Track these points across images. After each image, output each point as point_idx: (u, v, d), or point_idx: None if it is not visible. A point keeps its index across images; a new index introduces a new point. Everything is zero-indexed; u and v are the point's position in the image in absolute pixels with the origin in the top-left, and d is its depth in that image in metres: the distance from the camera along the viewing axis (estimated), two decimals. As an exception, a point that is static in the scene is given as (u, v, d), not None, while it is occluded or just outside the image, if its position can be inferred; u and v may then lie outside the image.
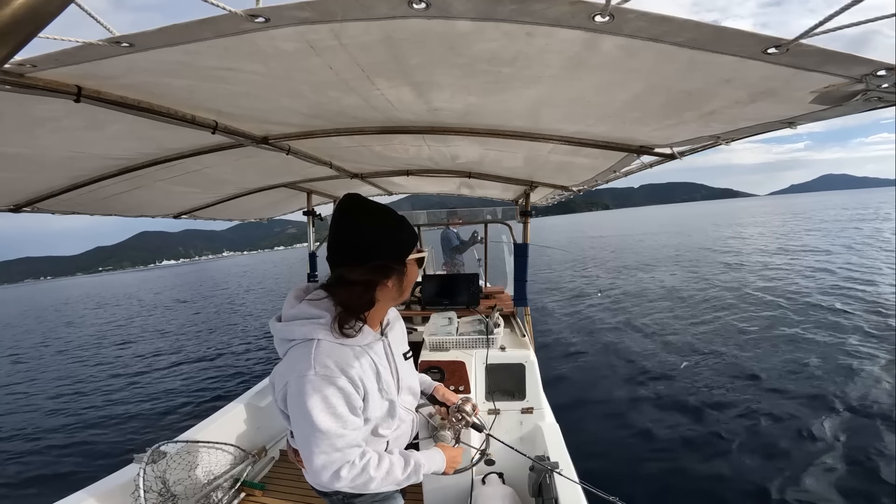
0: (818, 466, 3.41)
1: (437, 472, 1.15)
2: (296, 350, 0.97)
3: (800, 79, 0.73)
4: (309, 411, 0.90)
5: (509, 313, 3.01)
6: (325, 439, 0.92)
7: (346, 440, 0.95)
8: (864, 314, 7.30)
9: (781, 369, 5.39)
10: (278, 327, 1.03)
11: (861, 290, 8.97)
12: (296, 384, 0.92)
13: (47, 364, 9.33)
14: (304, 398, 0.90)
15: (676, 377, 5.43)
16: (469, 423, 1.35)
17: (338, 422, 0.93)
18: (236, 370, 7.37)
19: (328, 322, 0.98)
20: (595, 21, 0.59)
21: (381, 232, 0.99)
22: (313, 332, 0.96)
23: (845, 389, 4.67)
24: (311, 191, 3.08)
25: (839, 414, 4.19)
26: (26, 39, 0.34)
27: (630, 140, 1.44)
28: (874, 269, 10.92)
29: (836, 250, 14.75)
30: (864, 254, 13.55)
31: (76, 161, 1.39)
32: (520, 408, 2.19)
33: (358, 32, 0.69)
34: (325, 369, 0.92)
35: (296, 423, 0.96)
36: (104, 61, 0.74)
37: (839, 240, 17.86)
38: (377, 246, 0.98)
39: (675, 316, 8.63)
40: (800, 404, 4.45)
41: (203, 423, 2.31)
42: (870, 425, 3.91)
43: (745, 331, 7.14)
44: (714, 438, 3.93)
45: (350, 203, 1.00)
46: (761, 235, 23.68)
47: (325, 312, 0.99)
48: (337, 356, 0.95)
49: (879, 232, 20.18)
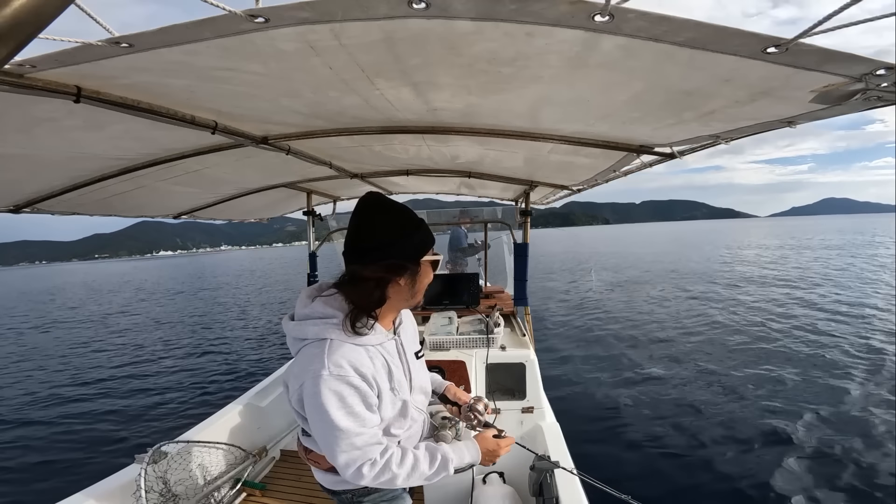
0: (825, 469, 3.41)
1: (472, 462, 1.14)
2: (308, 349, 0.97)
3: (799, 78, 0.73)
4: (326, 411, 0.91)
5: (509, 313, 3.02)
6: (344, 438, 0.93)
7: (364, 438, 0.95)
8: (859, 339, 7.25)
9: (795, 376, 5.40)
10: (291, 326, 1.03)
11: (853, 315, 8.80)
12: (311, 385, 0.93)
13: (44, 357, 9.35)
14: (320, 398, 0.91)
15: (676, 376, 5.44)
16: (482, 422, 1.34)
17: (355, 420, 0.94)
18: (236, 370, 7.37)
19: (340, 321, 0.98)
20: (595, 21, 0.59)
21: (396, 230, 0.99)
22: (326, 331, 0.97)
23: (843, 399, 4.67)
24: (311, 191, 3.08)
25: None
26: (26, 40, 0.34)
27: (630, 139, 1.44)
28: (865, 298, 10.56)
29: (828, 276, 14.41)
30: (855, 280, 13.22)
31: (76, 161, 1.39)
32: (520, 407, 2.19)
33: (358, 32, 0.69)
34: (338, 369, 0.93)
35: (314, 424, 0.96)
36: (104, 61, 0.74)
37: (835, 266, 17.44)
38: (392, 244, 0.98)
39: (681, 324, 8.62)
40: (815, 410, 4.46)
41: (203, 423, 2.31)
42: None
43: (746, 336, 7.15)
44: (713, 436, 3.93)
45: (369, 201, 1.01)
46: (757, 257, 23.43)
47: (338, 311, 0.99)
48: (350, 356, 0.95)
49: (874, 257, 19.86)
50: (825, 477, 3.29)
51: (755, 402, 4.61)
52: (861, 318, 8.09)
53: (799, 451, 3.64)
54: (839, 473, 3.32)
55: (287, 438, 2.69)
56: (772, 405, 4.49)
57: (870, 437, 3.78)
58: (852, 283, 12.65)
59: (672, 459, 3.63)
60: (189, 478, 1.98)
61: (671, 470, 3.48)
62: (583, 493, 1.62)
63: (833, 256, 21.22)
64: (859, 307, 9.11)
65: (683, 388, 5.07)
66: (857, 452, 3.57)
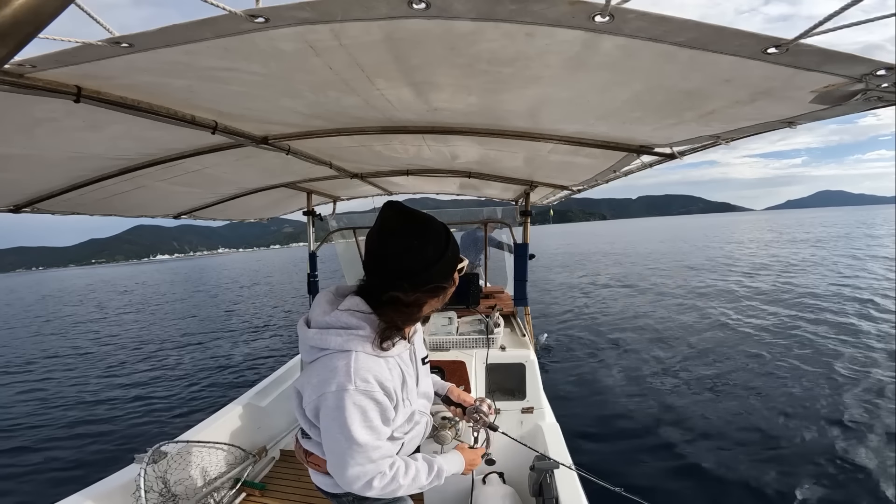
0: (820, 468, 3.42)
1: (456, 473, 1.17)
2: (330, 360, 0.94)
3: (800, 78, 0.73)
4: (348, 426, 0.90)
5: (509, 313, 3.01)
6: (361, 452, 0.92)
7: (380, 452, 0.96)
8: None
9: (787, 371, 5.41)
10: (311, 334, 0.99)
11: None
12: (334, 398, 0.91)
13: (44, 359, 9.36)
14: (343, 413, 0.90)
15: (676, 375, 5.44)
16: (487, 423, 1.35)
17: (373, 434, 0.94)
18: (236, 370, 7.37)
19: (367, 335, 0.96)
20: (595, 21, 0.59)
21: (438, 255, 0.97)
22: (350, 343, 0.94)
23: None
24: (311, 191, 3.08)
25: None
26: (26, 39, 0.34)
27: (630, 140, 1.44)
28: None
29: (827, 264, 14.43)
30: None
31: (76, 161, 1.39)
32: (520, 407, 2.19)
33: (358, 32, 0.69)
34: (365, 384, 0.91)
35: (329, 436, 0.95)
36: (104, 61, 0.74)
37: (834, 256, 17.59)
38: (435, 271, 0.97)
39: (681, 318, 8.63)
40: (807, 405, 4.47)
41: (203, 423, 2.31)
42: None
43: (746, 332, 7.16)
44: (711, 432, 3.94)
45: (402, 216, 0.96)
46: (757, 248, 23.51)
47: (363, 323, 0.96)
48: (375, 370, 0.94)
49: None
50: (825, 476, 3.29)
51: (769, 401, 4.60)
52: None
53: (808, 448, 3.65)
54: (836, 471, 3.33)
55: (287, 438, 2.69)
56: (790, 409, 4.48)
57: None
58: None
59: (672, 459, 3.63)
60: (189, 478, 1.98)
61: (670, 469, 3.48)
62: (582, 493, 1.62)
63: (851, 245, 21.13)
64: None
65: (684, 388, 5.07)
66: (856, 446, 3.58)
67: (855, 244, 22.29)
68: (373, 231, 0.97)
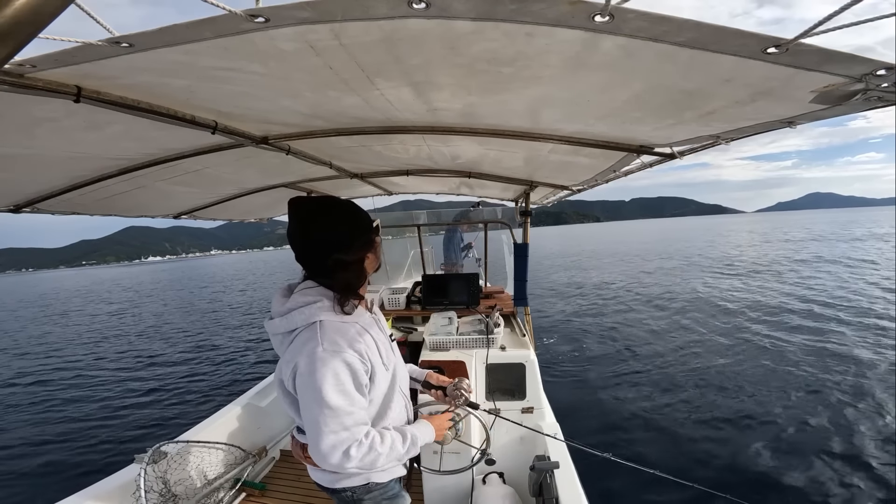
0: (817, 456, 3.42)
1: (429, 441, 1.21)
2: (301, 335, 1.00)
3: (800, 78, 0.73)
4: (319, 388, 0.93)
5: (509, 313, 3.01)
6: (334, 417, 0.94)
7: (354, 418, 0.97)
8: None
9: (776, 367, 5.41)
10: (276, 323, 1.06)
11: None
12: (305, 362, 0.95)
13: (44, 359, 9.35)
14: (315, 375, 0.93)
15: (676, 374, 5.44)
16: (468, 399, 1.40)
17: (346, 399, 0.96)
18: (236, 370, 7.37)
19: (328, 304, 1.02)
20: (595, 21, 0.59)
21: (352, 215, 1.10)
22: (315, 314, 1.00)
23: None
24: (311, 191, 3.08)
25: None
26: (26, 39, 0.34)
27: (630, 140, 1.44)
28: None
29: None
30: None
31: (76, 161, 1.39)
32: (520, 407, 2.19)
33: (358, 32, 0.69)
34: (333, 345, 0.96)
35: (305, 405, 0.98)
36: (104, 61, 0.74)
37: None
38: (355, 227, 1.08)
39: (681, 319, 8.63)
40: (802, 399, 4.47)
41: (203, 423, 2.31)
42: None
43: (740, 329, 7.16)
44: (714, 436, 3.94)
45: (310, 205, 1.07)
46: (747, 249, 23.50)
47: (322, 297, 1.04)
48: (343, 333, 0.99)
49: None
50: (825, 471, 3.29)
51: (768, 395, 4.61)
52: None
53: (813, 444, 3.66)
54: (831, 460, 3.33)
55: (287, 438, 2.69)
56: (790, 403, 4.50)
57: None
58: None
59: (670, 459, 3.63)
60: (189, 478, 1.98)
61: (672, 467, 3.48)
62: (582, 493, 1.62)
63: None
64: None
65: (684, 388, 5.07)
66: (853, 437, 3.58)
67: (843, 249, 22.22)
68: (293, 231, 1.06)
